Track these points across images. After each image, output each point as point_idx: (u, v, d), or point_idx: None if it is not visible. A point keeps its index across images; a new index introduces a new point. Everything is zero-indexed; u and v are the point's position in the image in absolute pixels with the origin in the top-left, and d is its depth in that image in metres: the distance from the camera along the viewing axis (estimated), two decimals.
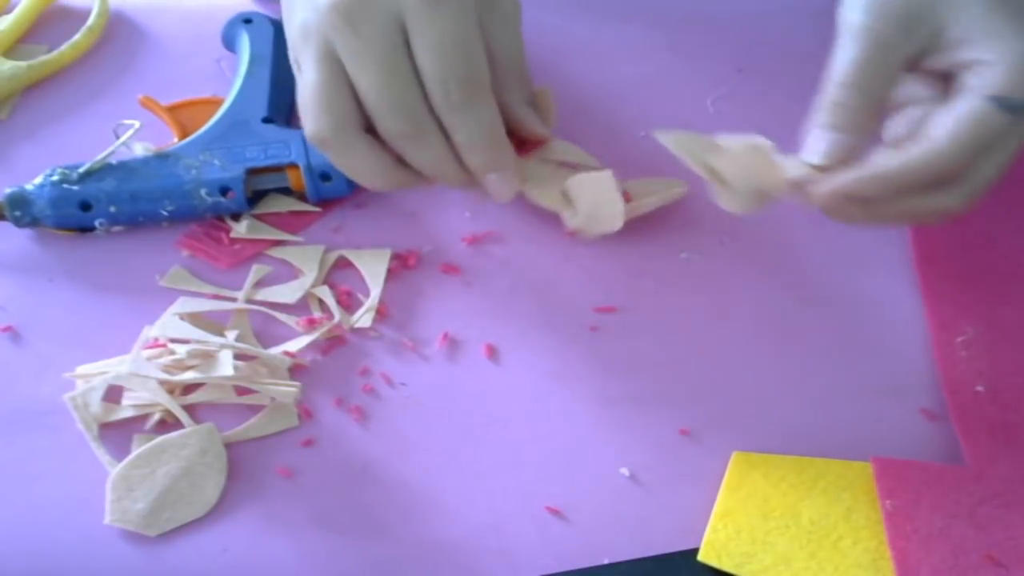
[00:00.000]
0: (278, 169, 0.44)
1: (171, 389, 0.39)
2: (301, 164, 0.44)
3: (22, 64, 0.50)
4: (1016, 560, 0.35)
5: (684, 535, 0.36)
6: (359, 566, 0.36)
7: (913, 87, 0.39)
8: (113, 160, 0.44)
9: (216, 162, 0.44)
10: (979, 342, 0.41)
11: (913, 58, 0.37)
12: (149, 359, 0.39)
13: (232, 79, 0.48)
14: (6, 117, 0.49)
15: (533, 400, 0.40)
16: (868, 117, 0.37)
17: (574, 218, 0.42)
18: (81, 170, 0.43)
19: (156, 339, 0.40)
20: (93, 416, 0.38)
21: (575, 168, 0.44)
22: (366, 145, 0.39)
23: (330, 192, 0.45)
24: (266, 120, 0.45)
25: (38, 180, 0.43)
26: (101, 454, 0.38)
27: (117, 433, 0.39)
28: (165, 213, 0.43)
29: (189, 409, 0.39)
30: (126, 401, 0.39)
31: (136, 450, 0.38)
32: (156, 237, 0.45)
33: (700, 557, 0.35)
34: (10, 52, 0.52)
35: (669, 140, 0.38)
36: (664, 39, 0.54)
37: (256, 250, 0.44)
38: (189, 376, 0.39)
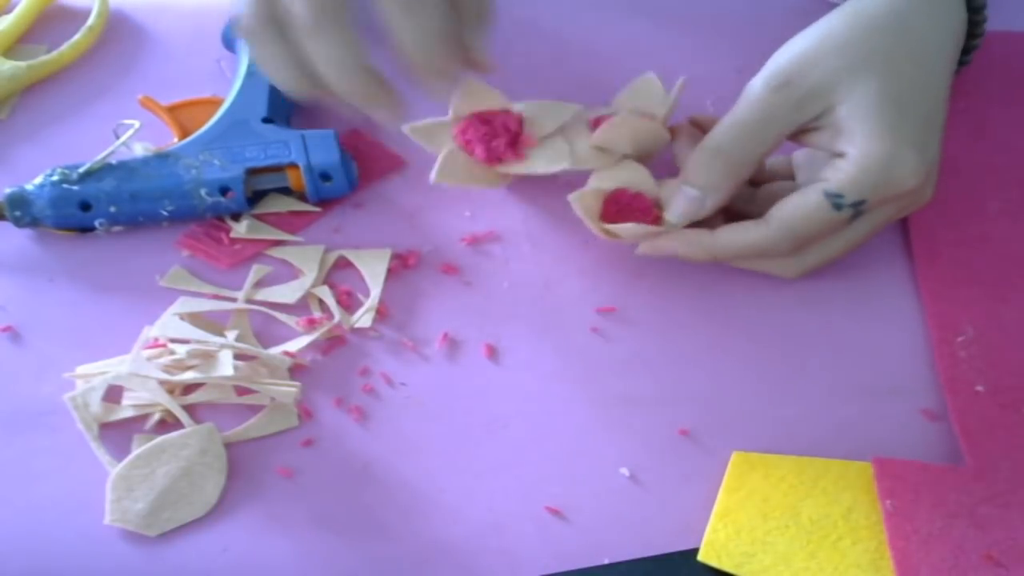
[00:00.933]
0: (278, 169, 0.44)
1: (171, 389, 0.39)
2: (301, 164, 0.44)
3: (22, 64, 0.50)
4: (1016, 560, 0.35)
5: (684, 535, 0.36)
6: (359, 566, 0.36)
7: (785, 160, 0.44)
8: (113, 160, 0.44)
9: (216, 162, 0.44)
10: (979, 342, 0.41)
11: (795, 131, 0.40)
12: (149, 359, 0.39)
13: (232, 79, 0.48)
14: (6, 117, 0.49)
15: (533, 400, 0.40)
16: (730, 181, 0.40)
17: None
18: (81, 170, 0.43)
19: (156, 339, 0.40)
20: (93, 416, 0.38)
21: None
22: (271, 37, 0.37)
23: (330, 192, 0.45)
24: (266, 120, 0.45)
25: (38, 180, 0.43)
26: (101, 454, 0.38)
27: (117, 433, 0.39)
28: (165, 213, 0.43)
29: (189, 409, 0.39)
30: (126, 401, 0.39)
31: (136, 450, 0.38)
32: (156, 237, 0.45)
33: (700, 557, 0.35)
34: (10, 52, 0.52)
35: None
36: (664, 39, 0.54)
37: (256, 250, 0.44)
38: (189, 376, 0.39)
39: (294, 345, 0.41)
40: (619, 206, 0.42)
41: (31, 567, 0.36)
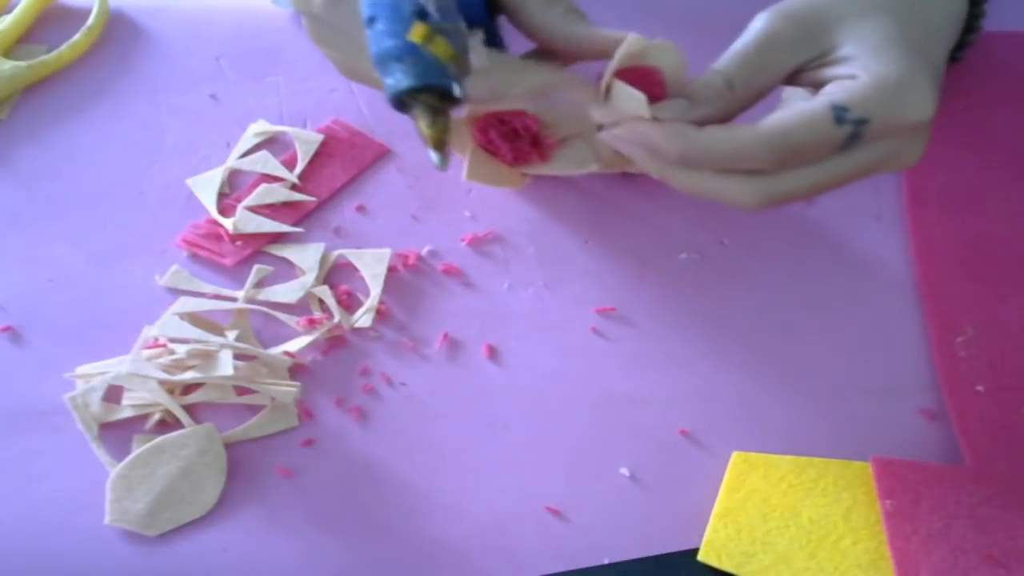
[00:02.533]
0: None
1: (171, 389, 0.39)
2: None
3: (22, 64, 0.50)
4: (1016, 560, 0.35)
5: (684, 535, 0.36)
6: (359, 566, 0.36)
7: (797, 98, 0.39)
8: None
9: None
10: (979, 342, 0.41)
11: (798, 68, 0.37)
12: (149, 359, 0.39)
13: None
14: (6, 117, 0.49)
15: (533, 400, 0.40)
16: (726, 105, 0.37)
17: (597, 107, 0.39)
18: None
19: (156, 339, 0.40)
20: (93, 416, 0.38)
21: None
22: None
23: None
24: None
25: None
26: (101, 454, 0.38)
27: (117, 433, 0.39)
28: None
29: (189, 409, 0.39)
30: (126, 401, 0.39)
31: (136, 450, 0.38)
32: (156, 237, 0.45)
33: (700, 557, 0.35)
34: (10, 52, 0.52)
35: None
36: (664, 38, 0.54)
37: (258, 245, 0.44)
38: (189, 376, 0.39)
39: (294, 345, 0.41)
40: (635, 79, 0.38)
41: (31, 567, 0.36)
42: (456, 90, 0.35)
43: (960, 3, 0.41)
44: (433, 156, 0.35)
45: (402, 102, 0.35)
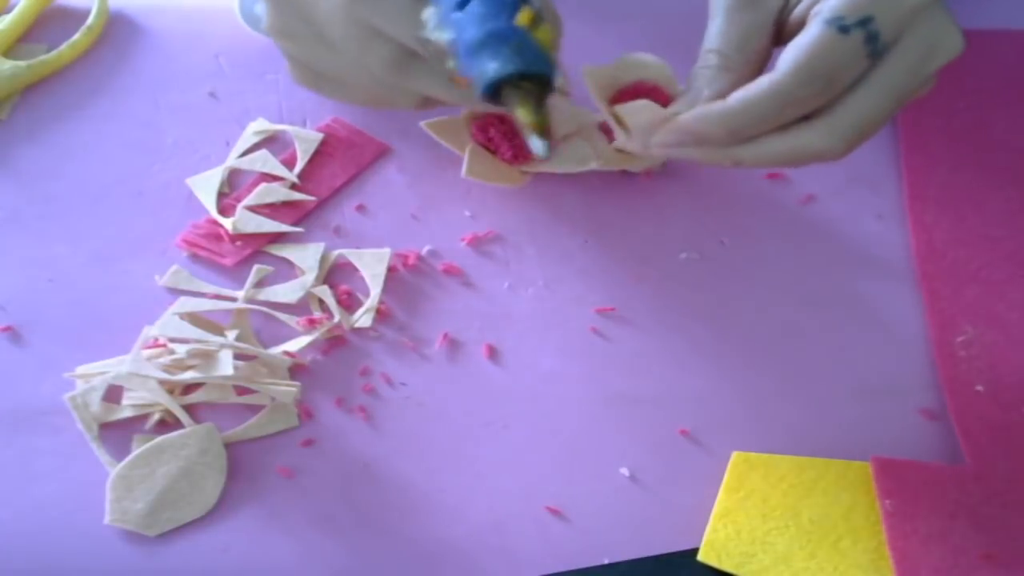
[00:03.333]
0: None
1: (171, 389, 0.39)
2: None
3: (22, 64, 0.50)
4: (1016, 560, 0.35)
5: (684, 535, 0.36)
6: (359, 566, 0.36)
7: None
8: None
9: None
10: (979, 342, 0.41)
11: (778, 10, 0.36)
12: (149, 359, 0.39)
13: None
14: (6, 117, 0.49)
15: (533, 400, 0.40)
16: (732, 77, 0.36)
17: (626, 140, 0.39)
18: None
19: (156, 339, 0.40)
20: (93, 416, 0.38)
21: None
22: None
23: None
24: None
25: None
26: (101, 454, 0.38)
27: (117, 433, 0.39)
28: None
29: (189, 409, 0.39)
30: (126, 401, 0.39)
31: (136, 450, 0.38)
32: (156, 237, 0.45)
33: (700, 557, 0.35)
34: (10, 52, 0.52)
35: (588, 73, 0.37)
36: (664, 37, 0.54)
37: (258, 245, 0.44)
38: (189, 376, 0.39)
39: (294, 345, 0.41)
40: (631, 97, 0.38)
41: (31, 567, 0.36)
42: (558, 79, 0.33)
43: None
44: (537, 144, 0.33)
45: (498, 89, 0.33)
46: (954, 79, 0.50)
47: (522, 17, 0.33)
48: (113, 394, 0.39)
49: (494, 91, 0.33)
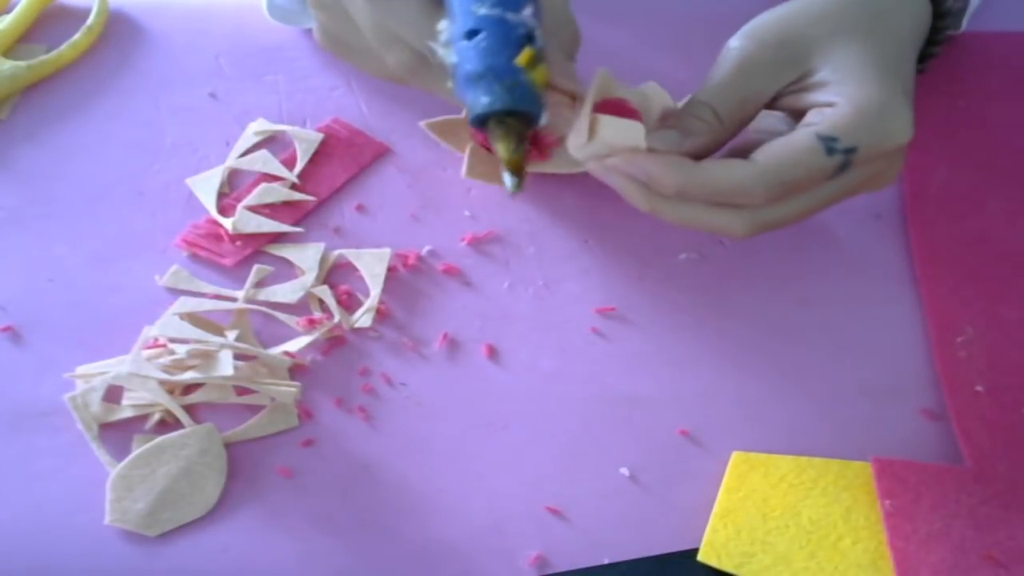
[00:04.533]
0: None
1: (171, 389, 0.39)
2: None
3: (22, 64, 0.50)
4: (1016, 560, 0.35)
5: (684, 535, 0.36)
6: (359, 566, 0.36)
7: (774, 121, 0.40)
8: None
9: None
10: (979, 342, 0.41)
11: (777, 94, 0.38)
12: (149, 359, 0.39)
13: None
14: (6, 117, 0.49)
15: (533, 400, 0.40)
16: (715, 136, 0.38)
17: (584, 144, 0.39)
18: None
19: (156, 339, 0.40)
20: (93, 416, 0.38)
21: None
22: None
23: None
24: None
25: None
26: (101, 454, 0.38)
27: (117, 433, 0.39)
28: None
29: (189, 409, 0.39)
30: (126, 401, 0.39)
31: (136, 450, 0.38)
32: (156, 237, 0.45)
33: (700, 557, 0.35)
34: (10, 52, 0.52)
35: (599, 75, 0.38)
36: (664, 37, 0.54)
37: (258, 245, 0.44)
38: (189, 376, 0.39)
39: (294, 345, 0.41)
40: (610, 111, 0.38)
41: (31, 567, 0.36)
42: (543, 119, 0.36)
43: (924, 18, 0.42)
44: (508, 180, 0.36)
45: (485, 121, 0.35)
46: (954, 79, 0.50)
47: (523, 57, 0.35)
48: (113, 394, 0.39)
49: (481, 122, 0.35)
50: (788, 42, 0.38)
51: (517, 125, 0.35)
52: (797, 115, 0.38)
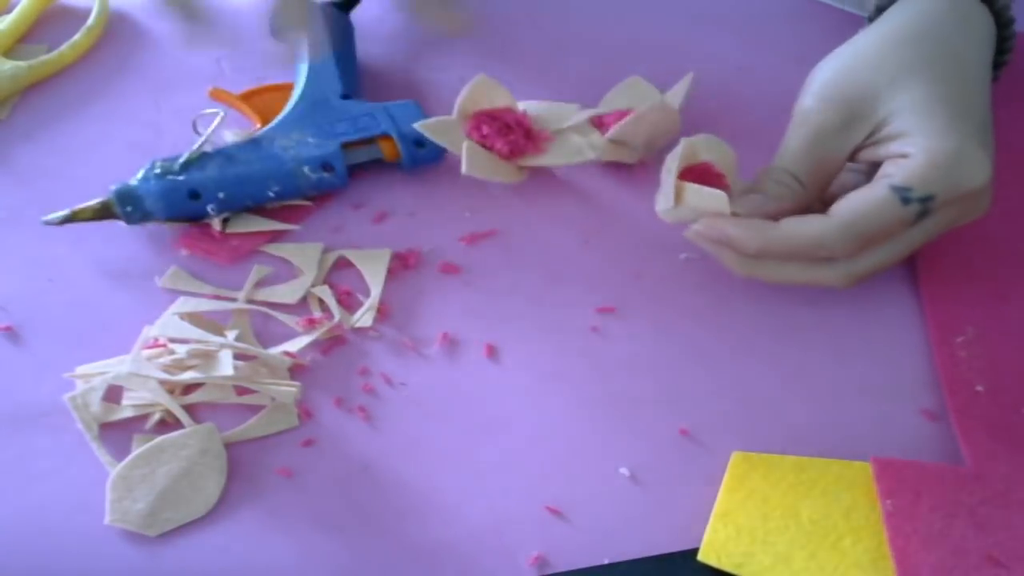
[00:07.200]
0: (369, 141, 0.45)
1: (171, 389, 0.39)
2: (393, 134, 0.45)
3: (22, 64, 0.50)
4: (1016, 560, 0.35)
5: (684, 535, 0.36)
6: (359, 566, 0.36)
7: (853, 175, 0.41)
8: (208, 148, 0.44)
9: (310, 140, 0.44)
10: (979, 342, 0.41)
11: (853, 149, 0.39)
12: (149, 359, 0.39)
13: (297, 65, 0.48)
14: (6, 117, 0.49)
15: (533, 400, 0.40)
16: (797, 200, 0.39)
17: (671, 209, 0.40)
18: (181, 160, 0.43)
19: (156, 339, 0.40)
20: (93, 416, 0.38)
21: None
22: None
23: (425, 158, 0.46)
24: (344, 96, 0.46)
25: (139, 175, 0.43)
26: (101, 454, 0.38)
27: (117, 433, 0.39)
28: (272, 194, 0.44)
29: (189, 409, 0.39)
30: (126, 401, 0.39)
31: (136, 450, 0.38)
32: (156, 237, 0.45)
33: (700, 557, 0.35)
34: (10, 52, 0.52)
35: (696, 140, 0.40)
36: (664, 38, 0.54)
37: (254, 244, 0.44)
38: (189, 376, 0.39)
39: (294, 345, 0.41)
40: (695, 177, 0.40)
41: (31, 567, 0.36)
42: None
43: (989, 38, 0.41)
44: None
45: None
46: None
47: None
48: (113, 394, 0.39)
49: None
50: (854, 98, 0.38)
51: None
52: (877, 167, 0.39)
